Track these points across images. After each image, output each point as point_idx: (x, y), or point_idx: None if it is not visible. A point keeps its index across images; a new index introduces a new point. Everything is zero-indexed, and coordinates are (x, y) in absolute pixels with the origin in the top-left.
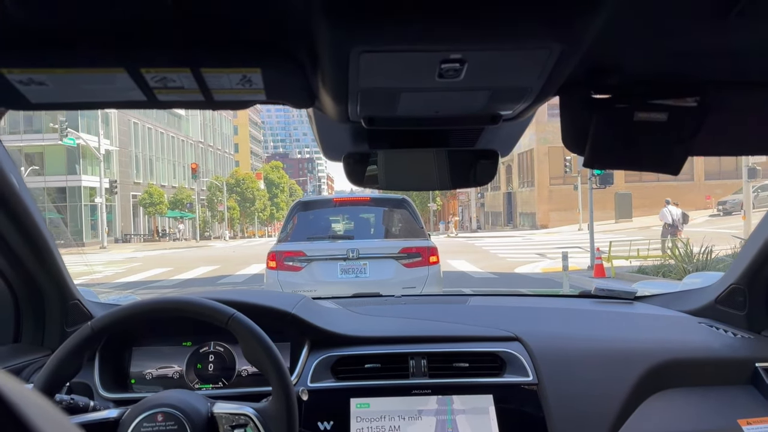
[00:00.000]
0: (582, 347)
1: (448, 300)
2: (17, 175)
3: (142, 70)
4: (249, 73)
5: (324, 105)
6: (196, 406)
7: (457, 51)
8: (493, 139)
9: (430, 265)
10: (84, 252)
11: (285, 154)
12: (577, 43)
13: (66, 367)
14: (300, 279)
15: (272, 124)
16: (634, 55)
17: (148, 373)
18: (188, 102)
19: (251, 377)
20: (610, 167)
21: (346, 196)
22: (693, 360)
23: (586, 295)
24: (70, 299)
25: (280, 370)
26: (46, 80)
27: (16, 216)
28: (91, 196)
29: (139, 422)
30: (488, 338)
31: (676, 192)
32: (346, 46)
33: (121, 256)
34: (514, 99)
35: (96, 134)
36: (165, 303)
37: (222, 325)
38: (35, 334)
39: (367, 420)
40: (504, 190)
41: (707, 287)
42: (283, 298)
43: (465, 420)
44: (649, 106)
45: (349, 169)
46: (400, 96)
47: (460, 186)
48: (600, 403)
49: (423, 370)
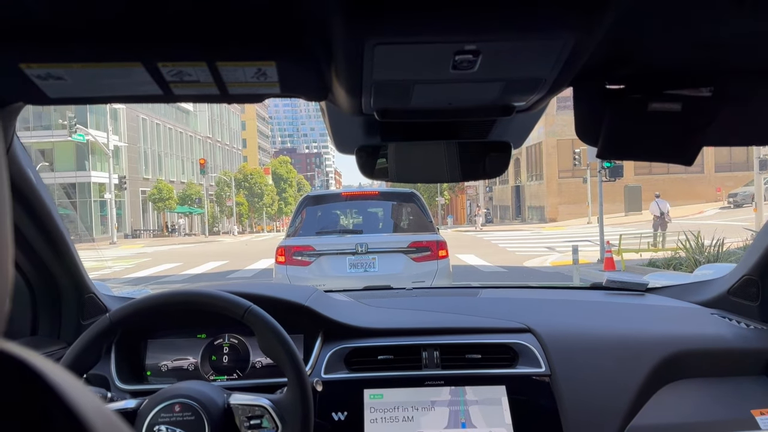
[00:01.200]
0: (594, 338)
1: (459, 292)
2: (33, 169)
3: (158, 64)
4: (264, 67)
5: (337, 98)
6: (212, 397)
7: (471, 42)
8: (505, 130)
9: (439, 259)
10: (96, 247)
11: (293, 149)
12: (591, 34)
13: (85, 357)
14: (309, 274)
15: (280, 119)
16: (649, 45)
17: (164, 364)
18: (203, 96)
19: (265, 369)
20: (623, 158)
21: (354, 191)
22: (706, 351)
23: (598, 286)
24: (86, 292)
25: (296, 362)
26: (64, 75)
27: (34, 211)
28: (101, 192)
29: (157, 412)
30: (500, 330)
31: (686, 184)
32: (361, 39)
33: (130, 251)
34: (528, 90)
35: (105, 130)
36: (182, 295)
37: (238, 317)
38: (52, 327)
39: (380, 410)
40: (512, 184)
41: (719, 278)
42: (296, 290)
43: (478, 410)
44: (663, 96)
45: (361, 162)
46: (413, 88)
47: (471, 178)
48: (613, 394)
49: (436, 362)
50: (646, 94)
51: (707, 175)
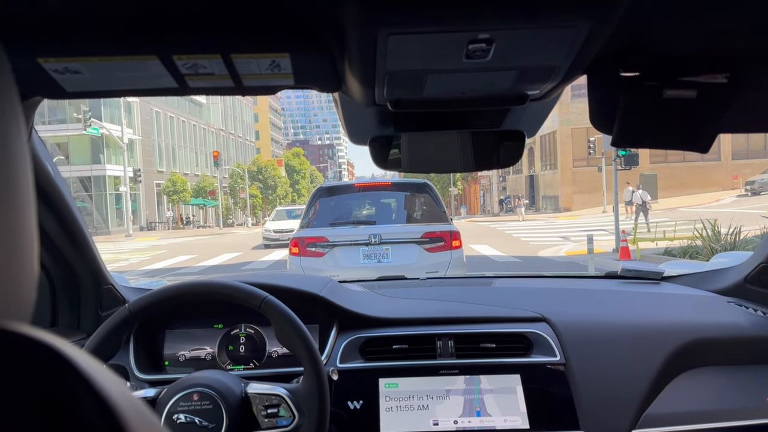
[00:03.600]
0: (609, 327)
1: (473, 282)
2: (51, 162)
3: (174, 57)
4: (278, 59)
5: (350, 89)
6: (230, 386)
7: (485, 31)
8: (518, 119)
9: (452, 250)
10: (113, 240)
11: (305, 140)
12: (606, 21)
13: (104, 347)
14: (322, 265)
15: (292, 111)
16: (664, 32)
17: (181, 354)
18: (218, 88)
19: (281, 358)
20: (638, 146)
21: (367, 181)
22: (722, 339)
23: (613, 275)
24: (104, 284)
25: (312, 352)
26: (81, 69)
27: (53, 204)
28: (116, 185)
29: (176, 401)
30: (515, 319)
31: (701, 172)
32: (374, 29)
33: (146, 243)
34: (542, 78)
35: (119, 124)
36: (200, 286)
37: (255, 308)
38: (71, 318)
39: (395, 399)
40: (526, 173)
41: (736, 266)
42: (311, 281)
43: (493, 399)
44: (679, 83)
45: (375, 153)
46: (426, 78)
47: (485, 168)
48: (628, 383)
49: (450, 351)
50: (661, 81)
51: (724, 162)
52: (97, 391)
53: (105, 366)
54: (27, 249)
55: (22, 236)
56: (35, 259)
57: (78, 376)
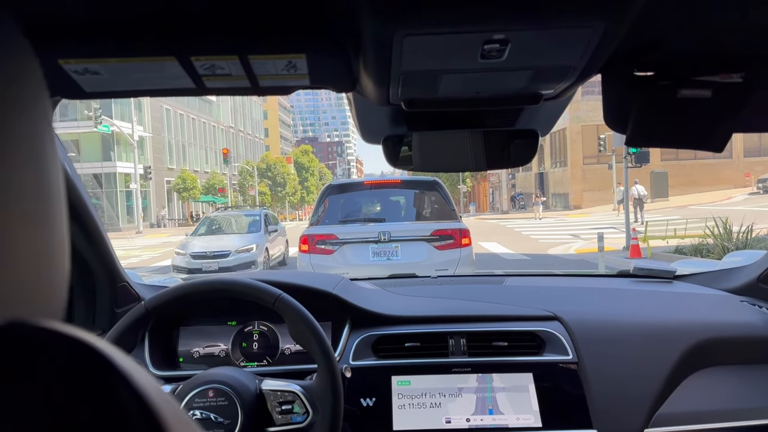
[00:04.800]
0: (622, 326)
1: (484, 280)
2: (68, 161)
3: (192, 58)
4: (294, 59)
5: (365, 88)
6: (245, 383)
7: (500, 31)
8: (532, 118)
9: (462, 247)
10: (126, 236)
11: (314, 137)
12: (621, 21)
13: (121, 344)
14: (332, 262)
15: (301, 108)
16: (679, 31)
17: (196, 351)
18: (235, 88)
19: (294, 355)
20: (652, 145)
21: (377, 179)
22: (735, 338)
23: (625, 274)
24: (119, 281)
25: (326, 349)
26: (100, 69)
27: (69, 201)
28: (126, 182)
29: (192, 397)
30: (527, 317)
31: (713, 170)
32: (390, 30)
33: (156, 240)
34: (557, 78)
35: (129, 121)
36: (215, 284)
37: (269, 305)
38: (87, 315)
39: (408, 397)
40: (536, 171)
41: (749, 265)
42: (323, 278)
43: (505, 397)
44: (693, 83)
45: (388, 152)
46: (441, 78)
47: (496, 167)
48: (640, 382)
49: (462, 349)
50: (676, 80)
51: (735, 160)
52: (136, 389)
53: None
54: (60, 250)
55: (56, 238)
56: (67, 259)
57: (117, 374)
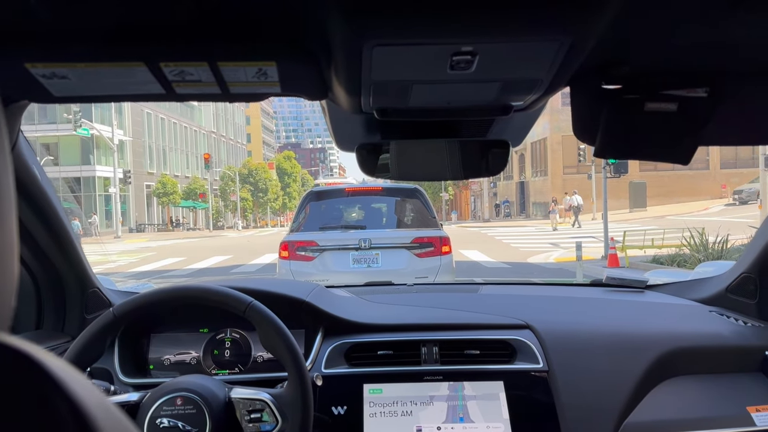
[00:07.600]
0: (592, 335)
1: (459, 288)
2: (38, 166)
3: (161, 64)
4: (264, 67)
5: (337, 97)
6: (214, 391)
7: (468, 44)
8: (504, 129)
9: (442, 255)
10: (101, 241)
11: (297, 143)
12: (586, 36)
13: (88, 351)
14: (312, 269)
15: (284, 114)
16: (644, 47)
17: (167, 358)
18: (205, 95)
19: (267, 363)
20: (620, 157)
21: (358, 186)
22: (703, 348)
23: (598, 283)
24: (90, 287)
25: (296, 357)
26: (68, 74)
27: (38, 207)
28: (105, 186)
29: (159, 405)
30: (499, 326)
31: (690, 181)
32: (360, 40)
33: (135, 245)
34: (525, 90)
35: (109, 124)
36: (185, 291)
37: (240, 313)
38: (56, 321)
39: (379, 405)
40: (517, 180)
41: (719, 276)
42: (297, 286)
43: (476, 405)
44: (660, 96)
45: (361, 159)
46: (412, 88)
47: (472, 176)
48: (609, 390)
49: (435, 357)
50: (643, 94)
51: (712, 171)
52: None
53: (87, 370)
54: (5, 258)
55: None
56: (15, 267)
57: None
